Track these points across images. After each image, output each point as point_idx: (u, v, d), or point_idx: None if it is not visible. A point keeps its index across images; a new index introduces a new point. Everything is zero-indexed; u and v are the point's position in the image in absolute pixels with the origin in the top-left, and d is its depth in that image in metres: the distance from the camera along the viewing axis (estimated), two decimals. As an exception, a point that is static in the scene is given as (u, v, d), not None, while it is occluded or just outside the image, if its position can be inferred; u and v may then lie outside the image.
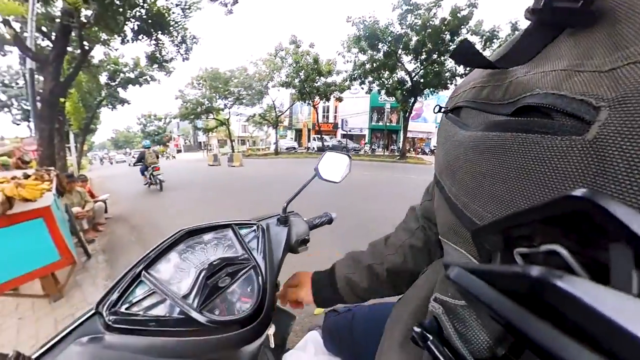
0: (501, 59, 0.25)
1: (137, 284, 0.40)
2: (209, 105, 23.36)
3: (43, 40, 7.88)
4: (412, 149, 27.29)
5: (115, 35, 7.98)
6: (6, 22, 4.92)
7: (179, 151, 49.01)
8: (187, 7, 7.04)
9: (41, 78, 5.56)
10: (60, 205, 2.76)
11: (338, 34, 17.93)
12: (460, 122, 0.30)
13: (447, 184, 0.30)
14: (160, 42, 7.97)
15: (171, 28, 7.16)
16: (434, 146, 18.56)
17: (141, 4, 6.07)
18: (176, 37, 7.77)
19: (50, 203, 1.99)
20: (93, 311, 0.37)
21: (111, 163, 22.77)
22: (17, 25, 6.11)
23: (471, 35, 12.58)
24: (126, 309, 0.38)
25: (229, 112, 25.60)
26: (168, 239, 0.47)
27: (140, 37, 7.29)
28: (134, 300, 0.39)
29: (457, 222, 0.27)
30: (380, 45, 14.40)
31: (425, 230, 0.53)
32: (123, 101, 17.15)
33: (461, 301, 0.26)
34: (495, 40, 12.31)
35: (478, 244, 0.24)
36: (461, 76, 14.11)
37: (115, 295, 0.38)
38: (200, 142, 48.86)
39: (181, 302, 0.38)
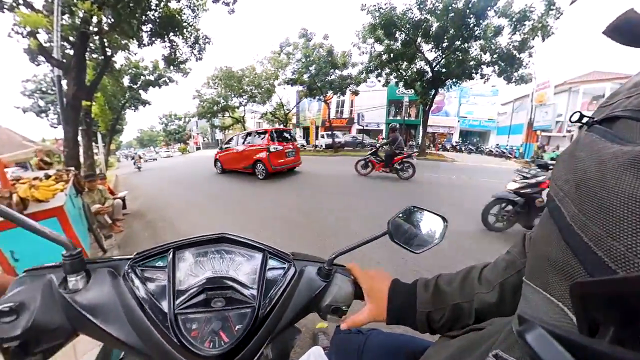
0: None
1: (160, 257, 0.44)
2: (225, 103, 23.94)
3: (71, 49, 8.44)
4: (431, 145, 26.19)
5: (132, 39, 8.38)
6: (32, 34, 5.29)
7: (197, 148, 50.98)
8: (195, 7, 7.17)
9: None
10: (78, 203, 2.95)
11: (353, 24, 17.39)
12: (614, 135, 0.24)
13: (571, 209, 0.23)
14: (175, 43, 8.21)
15: (183, 29, 7.34)
16: (456, 142, 17.59)
17: (153, 7, 6.26)
18: (189, 38, 7.96)
19: (62, 203, 2.12)
20: (129, 257, 0.44)
21: (139, 168, 17.18)
22: (46, 37, 6.61)
23: (499, 17, 11.32)
24: (141, 270, 0.42)
25: (244, 110, 26.13)
26: (205, 236, 0.47)
27: (155, 39, 7.56)
28: (149, 267, 0.43)
29: (570, 260, 0.21)
30: (397, 34, 13.62)
31: None
32: (144, 102, 18.20)
33: None
34: (526, 23, 10.87)
35: (589, 302, 0.16)
36: (488, 64, 13.13)
37: (142, 256, 0.43)
38: (217, 140, 50.46)
39: (171, 297, 0.39)
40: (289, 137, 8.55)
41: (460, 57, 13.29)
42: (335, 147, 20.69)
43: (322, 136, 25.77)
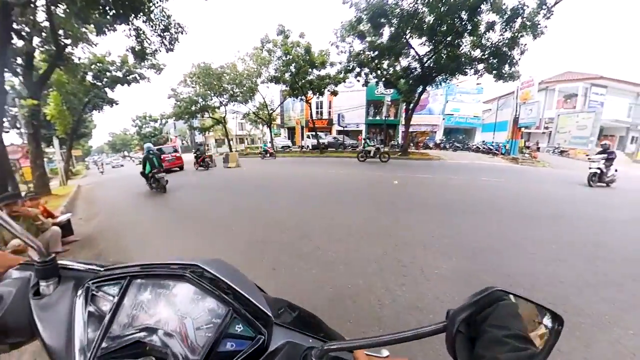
0: None
1: (116, 282, 0.39)
2: (204, 103, 22.48)
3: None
4: (411, 144, 26.32)
5: (87, 24, 7.22)
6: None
7: (176, 151, 48.30)
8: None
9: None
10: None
11: (330, 23, 16.91)
12: None
13: None
14: (141, 31, 7.13)
15: (149, 12, 6.30)
16: (440, 139, 17.67)
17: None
18: (158, 25, 6.92)
19: None
20: (97, 270, 0.43)
21: (102, 172, 18.37)
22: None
23: (491, 13, 11.09)
24: (95, 292, 0.38)
25: (225, 110, 24.72)
26: (172, 265, 0.40)
27: (116, 23, 6.47)
28: (102, 291, 0.38)
29: None
30: (385, 27, 13.17)
31: None
32: (111, 102, 16.24)
33: None
34: (517, 20, 10.73)
35: None
36: (480, 61, 13.03)
37: (100, 278, 0.39)
38: (198, 143, 48.04)
39: (98, 340, 0.34)
40: (173, 151, 15.14)
41: (453, 53, 13.09)
42: (320, 148, 20.20)
43: (308, 137, 25.09)
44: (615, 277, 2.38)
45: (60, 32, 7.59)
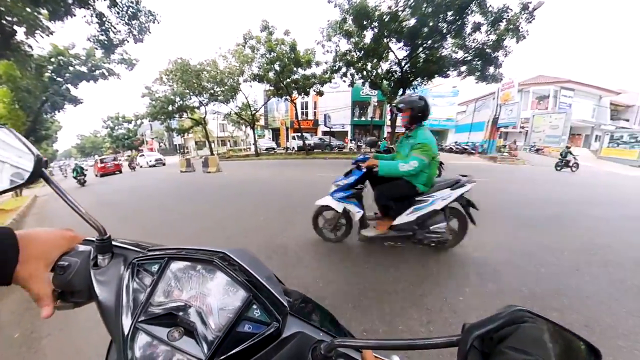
0: None
1: (156, 262, 0.44)
2: (182, 102, 21.19)
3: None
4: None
5: (44, 10, 6.29)
6: None
7: (152, 156, 45.67)
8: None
9: None
10: None
11: (316, 21, 16.62)
12: None
13: None
14: (105, 18, 6.32)
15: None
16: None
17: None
18: (125, 11, 6.17)
19: None
20: (143, 250, 0.48)
21: (65, 176, 19.85)
22: None
23: (476, 14, 11.19)
24: (138, 269, 0.44)
25: (205, 111, 23.52)
26: (204, 251, 0.44)
27: (74, 6, 5.65)
28: (144, 269, 0.44)
29: None
30: (368, 28, 13.08)
31: None
32: (74, 100, 14.50)
33: None
34: (502, 23, 10.90)
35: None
36: (463, 62, 13.18)
37: (144, 257, 0.45)
38: (176, 145, 45.63)
39: (139, 310, 0.39)
40: (112, 159, 17.08)
41: (433, 56, 13.23)
42: (306, 149, 19.67)
43: (293, 138, 24.54)
44: (631, 283, 2.31)
45: (9, 17, 6.58)
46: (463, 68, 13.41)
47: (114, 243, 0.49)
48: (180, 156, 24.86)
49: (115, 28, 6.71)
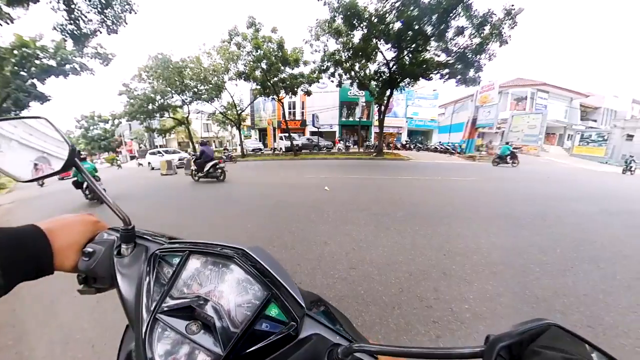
0: None
1: (177, 254, 0.43)
2: (163, 101, 20.20)
3: None
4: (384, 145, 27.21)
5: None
6: None
7: (133, 157, 43.39)
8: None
9: None
10: None
11: (304, 20, 16.41)
12: None
13: None
14: (74, 4, 5.81)
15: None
16: (406, 140, 18.57)
17: None
18: (96, -1, 5.69)
19: None
20: (165, 241, 0.49)
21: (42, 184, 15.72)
22: None
23: (460, 18, 11.44)
24: (160, 260, 0.44)
25: (188, 110, 22.61)
26: (226, 247, 0.43)
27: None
28: (165, 260, 0.44)
29: None
30: (358, 28, 13.05)
31: None
32: (41, 97, 13.10)
33: None
34: (486, 27, 11.18)
35: None
36: (445, 65, 13.43)
37: (165, 249, 0.45)
38: (157, 146, 43.65)
39: (160, 300, 0.39)
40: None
41: (417, 59, 13.45)
42: (294, 150, 19.36)
43: (281, 138, 24.14)
44: (622, 278, 2.37)
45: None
46: (445, 71, 13.72)
47: (137, 234, 0.49)
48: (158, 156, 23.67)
49: (85, 17, 6.18)
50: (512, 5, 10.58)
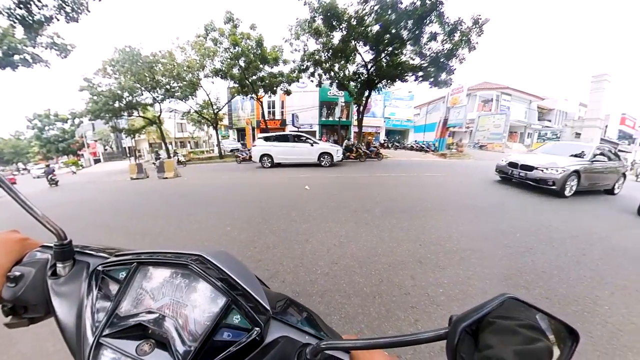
0: None
1: (124, 268, 0.39)
2: (131, 98, 18.80)
3: None
4: (363, 144, 27.83)
5: None
6: None
7: (97, 160, 40.03)
8: None
9: None
10: None
11: (284, 18, 16.27)
12: None
13: None
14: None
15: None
16: (384, 140, 19.16)
17: None
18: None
19: None
20: (108, 255, 0.43)
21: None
22: None
23: (433, 24, 11.96)
24: (103, 276, 0.39)
25: (160, 108, 21.32)
26: (178, 255, 0.40)
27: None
28: (110, 276, 0.39)
29: None
30: (337, 29, 13.21)
31: None
32: None
33: None
34: (456, 34, 11.80)
35: None
36: (420, 68, 14.03)
37: (110, 263, 0.40)
38: (125, 148, 40.58)
39: (105, 321, 0.35)
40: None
41: (394, 61, 13.94)
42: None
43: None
44: (572, 254, 2.69)
45: None
46: (420, 73, 14.38)
47: (75, 249, 0.43)
48: (135, 161, 22.09)
49: (40, 1, 5.62)
50: (479, 15, 11.45)
